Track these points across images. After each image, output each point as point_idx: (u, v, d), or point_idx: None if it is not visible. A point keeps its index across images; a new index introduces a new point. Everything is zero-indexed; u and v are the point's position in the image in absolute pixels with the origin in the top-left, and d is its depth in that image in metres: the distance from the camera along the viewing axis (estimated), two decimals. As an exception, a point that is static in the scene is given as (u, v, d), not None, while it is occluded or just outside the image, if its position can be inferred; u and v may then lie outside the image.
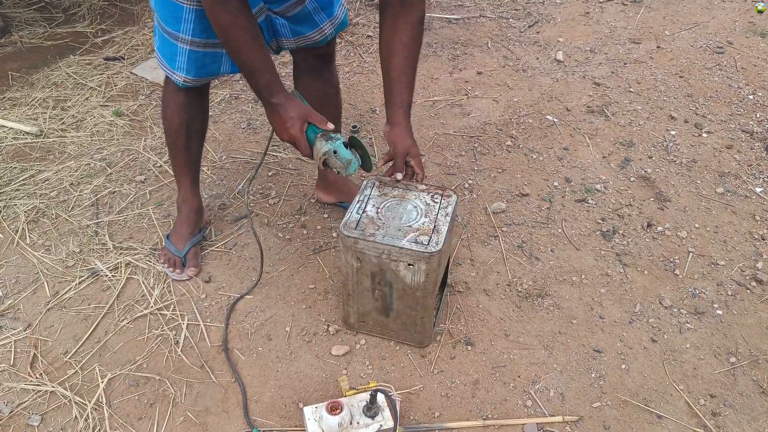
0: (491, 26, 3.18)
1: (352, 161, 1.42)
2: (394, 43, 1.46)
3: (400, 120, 1.50)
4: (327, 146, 1.40)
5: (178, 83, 1.60)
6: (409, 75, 1.49)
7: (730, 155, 2.30)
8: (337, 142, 1.40)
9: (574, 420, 1.47)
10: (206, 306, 1.73)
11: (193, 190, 1.85)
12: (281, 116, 1.41)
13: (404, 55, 1.47)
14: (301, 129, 1.42)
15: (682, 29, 3.13)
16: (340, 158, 1.41)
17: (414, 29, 1.46)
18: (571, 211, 2.06)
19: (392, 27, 1.46)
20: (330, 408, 1.35)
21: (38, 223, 1.99)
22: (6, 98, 2.60)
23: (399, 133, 1.50)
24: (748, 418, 1.49)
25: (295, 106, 1.41)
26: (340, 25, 1.66)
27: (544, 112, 2.53)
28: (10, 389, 1.53)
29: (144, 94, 2.63)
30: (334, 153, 1.41)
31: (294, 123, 1.40)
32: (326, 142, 1.40)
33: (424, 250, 1.39)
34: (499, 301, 1.76)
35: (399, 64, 1.47)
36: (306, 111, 1.42)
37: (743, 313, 1.74)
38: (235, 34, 1.32)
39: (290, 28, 1.59)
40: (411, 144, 1.52)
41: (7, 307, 1.73)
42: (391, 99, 1.50)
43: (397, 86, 1.48)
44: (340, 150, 1.40)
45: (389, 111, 1.51)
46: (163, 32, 1.54)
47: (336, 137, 1.42)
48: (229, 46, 1.36)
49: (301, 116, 1.41)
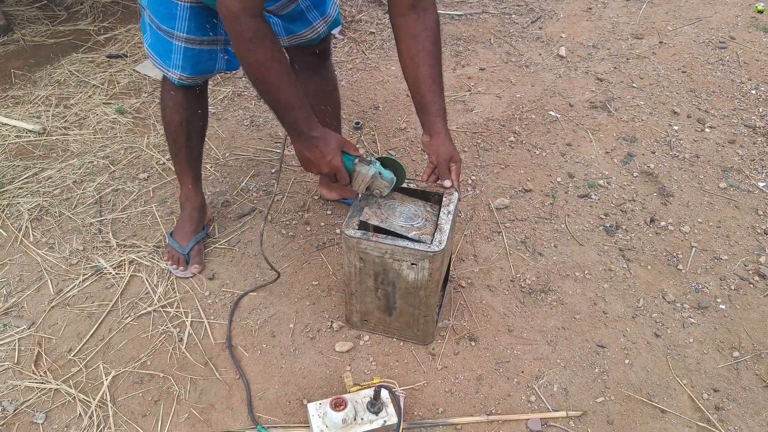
0: (494, 22, 3.17)
1: (393, 180, 1.46)
2: (417, 53, 1.45)
3: (440, 129, 1.48)
4: (372, 170, 1.40)
5: (173, 81, 1.59)
6: (439, 82, 1.48)
7: (732, 150, 2.30)
8: (377, 164, 1.42)
9: (578, 415, 1.47)
10: (210, 303, 1.74)
11: (195, 187, 1.85)
12: (321, 149, 1.36)
13: (430, 63, 1.46)
14: (341, 159, 1.39)
15: (685, 24, 3.12)
16: (385, 179, 1.44)
17: (433, 34, 1.45)
18: (574, 207, 2.06)
19: (411, 37, 1.45)
20: (334, 404, 1.35)
21: (41, 221, 2.00)
22: (9, 96, 2.60)
23: (441, 142, 1.48)
24: (751, 412, 1.49)
25: (334, 138, 1.38)
26: (333, 23, 1.66)
27: (546, 108, 2.53)
28: (14, 387, 1.53)
29: (147, 91, 2.63)
30: (380, 175, 1.42)
31: (336, 154, 1.37)
32: (369, 166, 1.40)
33: (428, 249, 1.39)
34: (502, 296, 1.76)
35: (427, 73, 1.46)
36: (342, 141, 1.39)
37: (746, 307, 1.74)
38: (274, 70, 1.26)
39: (283, 27, 1.58)
40: (453, 151, 1.50)
41: (11, 305, 1.73)
42: (427, 109, 1.48)
43: (429, 96, 1.47)
44: (383, 172, 1.43)
45: (426, 120, 1.49)
46: (156, 29, 1.53)
47: (372, 161, 1.42)
48: (265, 84, 1.29)
49: (339, 147, 1.38)
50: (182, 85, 1.61)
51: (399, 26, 1.46)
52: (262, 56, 1.24)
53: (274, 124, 2.43)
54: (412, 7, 1.43)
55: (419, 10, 1.43)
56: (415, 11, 1.43)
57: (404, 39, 1.46)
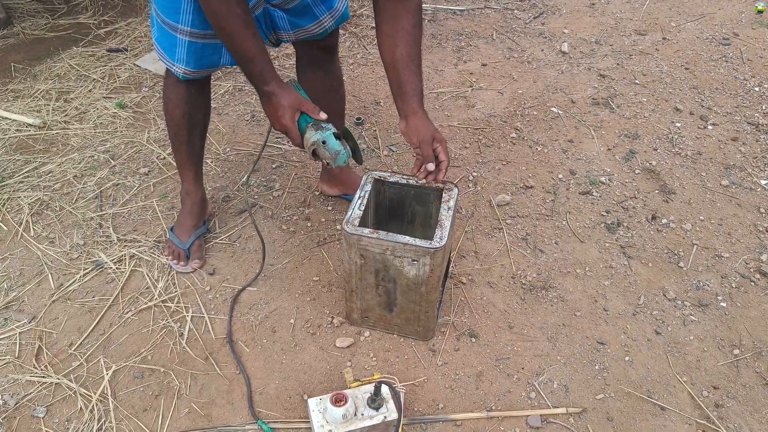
0: (496, 17, 3.16)
1: (340, 152, 1.39)
2: (396, 32, 1.42)
3: (416, 109, 1.44)
4: (316, 136, 1.38)
5: (178, 75, 1.58)
6: (417, 63, 1.44)
7: (735, 147, 2.29)
8: (327, 133, 1.38)
9: (578, 412, 1.47)
10: (210, 298, 1.74)
11: (196, 182, 1.84)
12: (273, 105, 1.39)
13: (409, 42, 1.42)
14: (293, 118, 1.40)
15: (688, 20, 3.11)
16: (329, 149, 1.39)
17: (415, 17, 1.42)
18: (575, 204, 2.05)
19: (392, 17, 1.42)
20: (334, 400, 1.35)
21: (42, 216, 1.99)
22: (9, 90, 2.59)
23: (419, 122, 1.44)
24: (750, 410, 1.49)
25: (288, 95, 1.38)
26: (341, 17, 1.64)
27: (549, 104, 2.52)
28: (15, 381, 1.54)
29: (147, 86, 2.62)
30: (323, 143, 1.38)
31: (285, 111, 1.38)
32: (316, 132, 1.38)
33: (429, 246, 1.39)
34: (503, 293, 1.76)
35: (405, 53, 1.42)
36: (299, 100, 1.40)
37: (747, 305, 1.74)
38: (229, 21, 1.31)
39: (289, 21, 1.57)
40: (434, 130, 1.44)
41: (12, 300, 1.73)
42: (402, 89, 1.44)
43: (406, 74, 1.43)
44: (329, 141, 1.38)
45: (402, 102, 1.45)
46: (161, 23, 1.52)
47: (327, 127, 1.39)
48: (222, 35, 1.35)
49: (293, 105, 1.39)
50: (186, 80, 1.60)
51: (380, 7, 1.43)
52: (217, 7, 1.29)
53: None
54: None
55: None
56: None
57: (385, 20, 1.43)
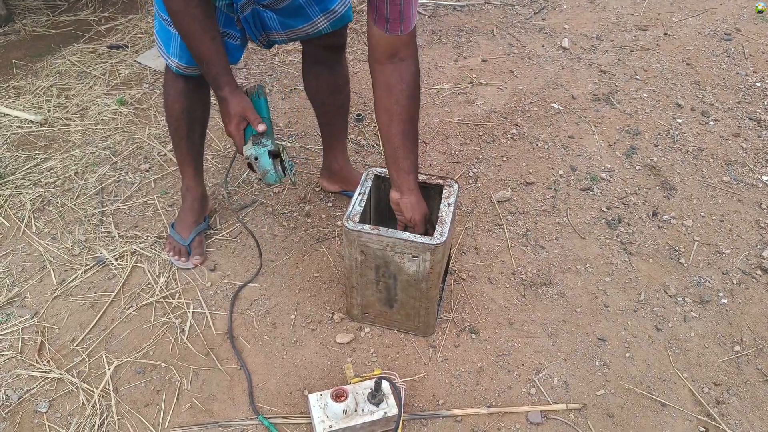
0: (496, 13, 3.15)
1: (269, 172, 1.41)
2: (391, 106, 1.40)
3: (412, 186, 1.46)
4: (251, 151, 1.39)
5: (172, 68, 1.60)
6: (413, 139, 1.44)
7: (736, 143, 2.29)
8: (262, 149, 1.39)
9: (578, 408, 1.48)
10: (211, 294, 1.74)
11: (197, 179, 1.85)
12: (223, 110, 1.42)
13: (403, 119, 1.41)
14: (237, 126, 1.41)
15: (690, 16, 3.10)
16: (260, 166, 1.40)
17: (410, 88, 1.39)
18: (576, 200, 2.05)
19: (386, 88, 1.39)
20: (335, 395, 1.36)
21: (44, 212, 2.00)
22: (10, 87, 2.60)
23: (415, 201, 1.46)
24: (751, 406, 1.49)
25: (237, 103, 1.40)
26: (339, 19, 1.61)
27: (549, 100, 2.51)
28: (18, 376, 1.54)
29: (148, 82, 2.62)
30: (256, 160, 1.40)
31: (232, 119, 1.41)
32: (252, 146, 1.39)
33: (429, 242, 1.39)
34: (503, 289, 1.76)
35: (400, 130, 1.41)
36: (244, 108, 1.40)
37: (748, 301, 1.73)
38: (185, 22, 1.32)
39: (279, 21, 1.56)
40: (426, 209, 1.48)
41: (14, 295, 1.74)
42: (398, 165, 1.44)
43: (401, 151, 1.43)
44: (261, 158, 1.39)
45: (397, 177, 1.45)
46: (159, 16, 1.53)
47: (264, 144, 1.39)
48: (180, 34, 1.37)
49: (239, 114, 1.40)
50: (180, 74, 1.61)
51: (375, 75, 1.40)
52: (174, 6, 1.31)
53: (275, 115, 2.42)
54: (390, 57, 1.36)
55: (397, 61, 1.37)
56: (392, 62, 1.37)
57: (379, 89, 1.40)
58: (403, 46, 1.36)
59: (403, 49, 1.36)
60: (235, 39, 1.57)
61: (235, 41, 1.57)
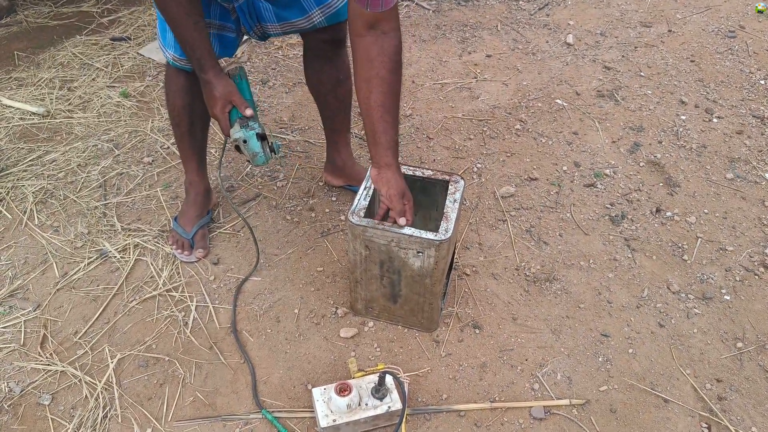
0: (501, 8, 3.14)
1: (259, 154, 1.42)
2: (371, 78, 1.35)
3: (390, 161, 1.42)
4: (239, 133, 1.41)
5: (169, 61, 1.60)
6: (393, 113, 1.39)
7: (740, 141, 2.28)
8: (251, 132, 1.40)
9: (581, 403, 1.48)
10: (215, 288, 1.74)
11: (200, 172, 1.84)
12: (207, 93, 1.43)
13: (383, 90, 1.36)
14: (223, 109, 1.42)
15: (694, 13, 3.09)
16: (248, 149, 1.42)
17: (391, 61, 1.34)
18: (579, 196, 2.05)
19: (367, 59, 1.34)
20: (339, 389, 1.36)
21: (46, 204, 1.99)
22: (12, 78, 2.59)
23: (392, 176, 1.43)
24: (754, 403, 1.49)
25: (222, 86, 1.40)
26: (335, 15, 1.58)
27: (553, 96, 2.51)
28: (20, 369, 1.54)
29: (151, 75, 2.62)
30: (245, 142, 1.41)
31: (217, 102, 1.42)
32: (240, 129, 1.40)
33: (434, 238, 1.39)
34: (507, 285, 1.76)
35: (380, 101, 1.36)
36: (230, 92, 1.41)
37: (751, 298, 1.74)
38: (169, 7, 1.34)
39: (275, 13, 1.54)
40: (405, 186, 1.45)
41: (17, 288, 1.74)
42: (376, 139, 1.40)
43: (380, 125, 1.38)
44: (250, 141, 1.41)
45: (375, 152, 1.42)
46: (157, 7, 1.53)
47: (252, 126, 1.40)
48: (165, 18, 1.38)
49: (224, 96, 1.41)
50: (176, 67, 1.61)
51: (355, 48, 1.35)
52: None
53: (278, 109, 2.41)
54: (369, 28, 1.31)
55: (378, 33, 1.32)
56: (372, 33, 1.32)
57: (359, 61, 1.36)
58: (384, 19, 1.31)
59: (384, 22, 1.31)
60: (231, 31, 1.56)
61: (231, 33, 1.57)
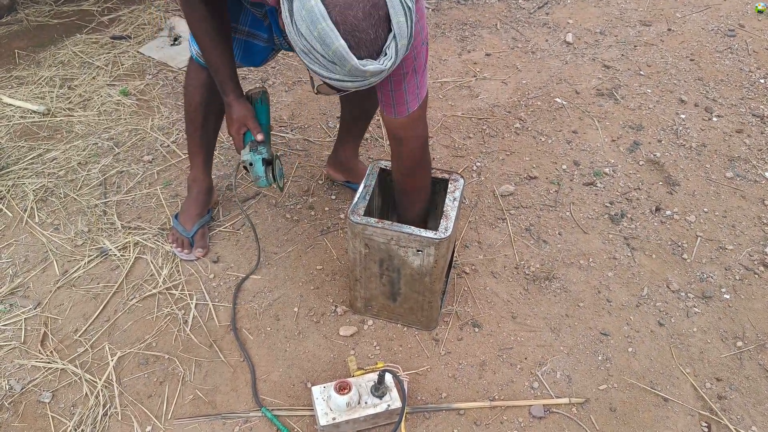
0: (500, 7, 3.14)
1: (260, 178, 1.52)
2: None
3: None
4: (247, 156, 1.51)
5: (192, 55, 1.64)
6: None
7: (740, 139, 2.29)
8: (257, 157, 1.50)
9: (581, 402, 1.48)
10: (215, 286, 1.74)
11: (205, 170, 1.84)
12: (227, 114, 1.54)
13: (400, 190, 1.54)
14: (238, 130, 1.53)
15: (694, 11, 3.09)
16: (253, 172, 1.52)
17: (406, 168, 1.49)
18: (579, 195, 2.05)
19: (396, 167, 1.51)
20: (338, 387, 1.36)
21: (47, 202, 2.00)
22: (13, 77, 2.59)
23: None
24: (753, 402, 1.49)
25: (239, 110, 1.51)
26: None
27: (553, 95, 2.51)
28: (21, 366, 1.55)
29: (151, 73, 2.62)
30: (250, 165, 1.50)
31: (233, 124, 1.53)
32: (249, 152, 1.50)
33: (434, 236, 1.39)
34: (506, 283, 1.76)
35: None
36: (245, 116, 1.51)
37: (751, 297, 1.74)
38: (198, 33, 1.44)
39: None
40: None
41: (17, 286, 1.74)
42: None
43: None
44: (256, 165, 1.50)
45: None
46: None
47: (260, 151, 1.50)
48: (194, 37, 1.48)
49: (240, 120, 1.51)
50: (198, 62, 1.63)
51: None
52: (189, 19, 1.44)
53: (278, 108, 2.41)
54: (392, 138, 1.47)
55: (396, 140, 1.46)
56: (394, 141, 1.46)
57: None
58: (400, 127, 1.42)
59: (400, 130, 1.43)
60: (262, 40, 1.57)
61: (261, 42, 1.57)
